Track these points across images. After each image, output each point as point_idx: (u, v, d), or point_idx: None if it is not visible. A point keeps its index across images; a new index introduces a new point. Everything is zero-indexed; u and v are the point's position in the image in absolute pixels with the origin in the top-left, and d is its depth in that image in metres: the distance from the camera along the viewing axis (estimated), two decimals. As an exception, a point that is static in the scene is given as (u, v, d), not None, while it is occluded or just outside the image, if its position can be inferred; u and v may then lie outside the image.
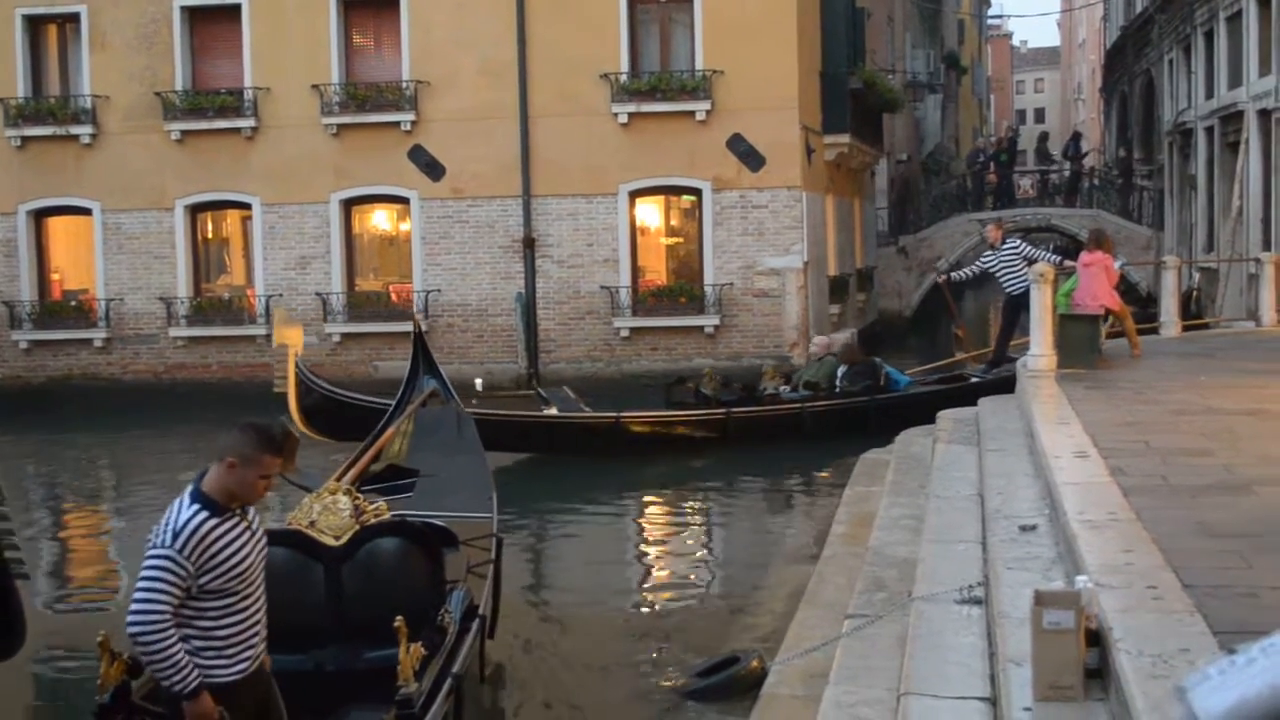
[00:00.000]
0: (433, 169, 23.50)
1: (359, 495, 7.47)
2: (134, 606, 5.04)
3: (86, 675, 9.72)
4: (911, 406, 17.33)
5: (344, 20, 23.93)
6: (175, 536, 5.07)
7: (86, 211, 24.59)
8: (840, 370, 18.24)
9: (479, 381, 18.59)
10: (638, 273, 23.52)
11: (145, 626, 5.02)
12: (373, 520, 7.17)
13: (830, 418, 17.66)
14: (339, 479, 8.08)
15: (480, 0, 23.30)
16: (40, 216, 24.93)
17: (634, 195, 23.36)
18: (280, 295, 23.85)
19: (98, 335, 24.28)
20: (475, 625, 7.12)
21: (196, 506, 5.14)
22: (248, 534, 5.25)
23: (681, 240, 24.32)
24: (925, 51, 44.60)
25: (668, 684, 8.49)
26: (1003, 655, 5.64)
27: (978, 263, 18.99)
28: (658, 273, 24.03)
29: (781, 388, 18.31)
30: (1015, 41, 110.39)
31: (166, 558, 5.05)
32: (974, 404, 17.16)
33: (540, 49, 23.05)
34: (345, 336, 23.72)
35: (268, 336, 23.85)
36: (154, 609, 5.03)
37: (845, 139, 25.46)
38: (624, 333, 23.05)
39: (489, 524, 8.72)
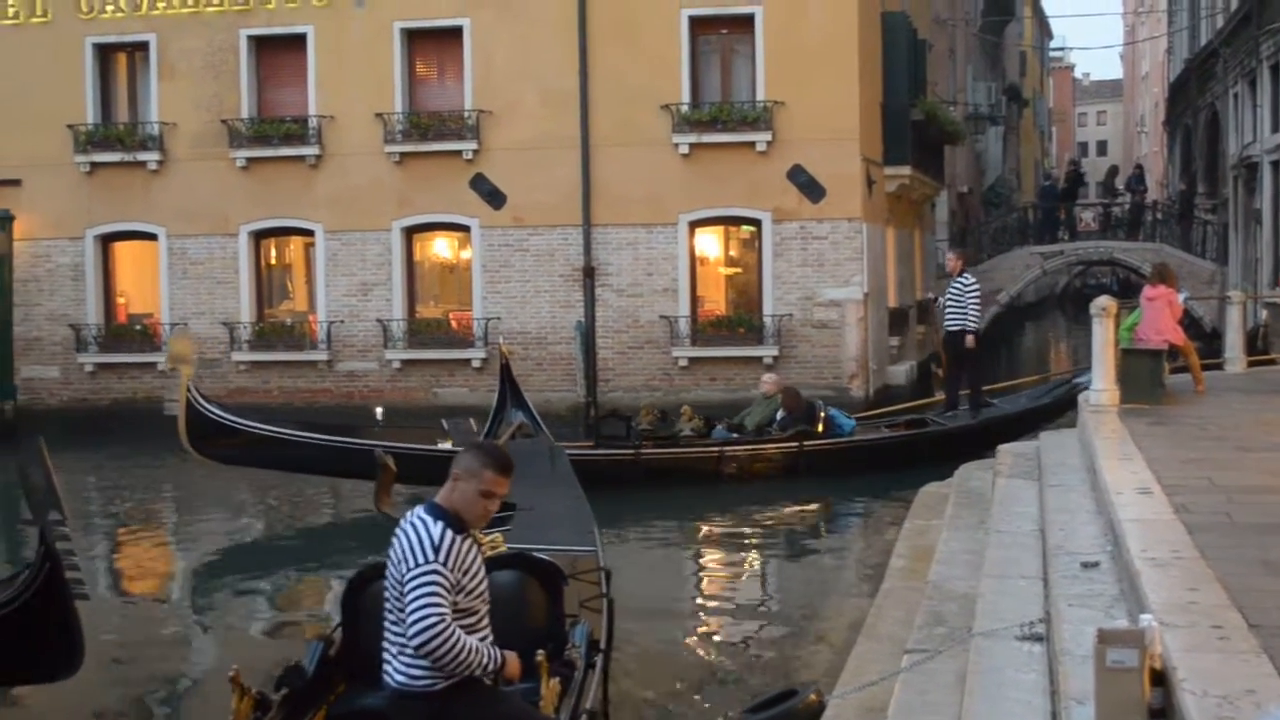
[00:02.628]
0: (494, 197, 23.63)
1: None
2: (419, 625, 5.20)
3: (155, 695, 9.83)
4: (846, 453, 17.40)
5: (408, 50, 24.15)
6: (436, 550, 5.26)
7: (152, 237, 24.89)
8: (779, 414, 17.95)
9: (379, 411, 18.61)
10: (697, 303, 23.53)
11: (435, 640, 5.20)
12: (489, 552, 7.11)
13: (754, 461, 17.38)
14: None
15: (543, 31, 23.45)
16: (107, 241, 25.27)
17: (694, 225, 23.38)
18: (342, 321, 24.04)
19: (161, 359, 24.51)
20: (599, 661, 6.99)
21: (442, 523, 5.33)
22: (479, 555, 5.49)
23: (741, 271, 24.32)
24: (987, 84, 44.47)
25: (725, 715, 8.45)
26: (1064, 693, 5.59)
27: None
28: (717, 303, 24.03)
29: (717, 427, 17.90)
30: (1078, 74, 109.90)
31: (434, 570, 5.23)
32: (918, 457, 17.42)
33: (602, 79, 23.17)
34: (405, 363, 23.86)
35: (329, 362, 24.06)
36: (438, 620, 5.21)
37: (906, 171, 25.39)
38: (683, 362, 23.06)
39: (594, 557, 8.56)
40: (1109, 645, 4.88)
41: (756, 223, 23.21)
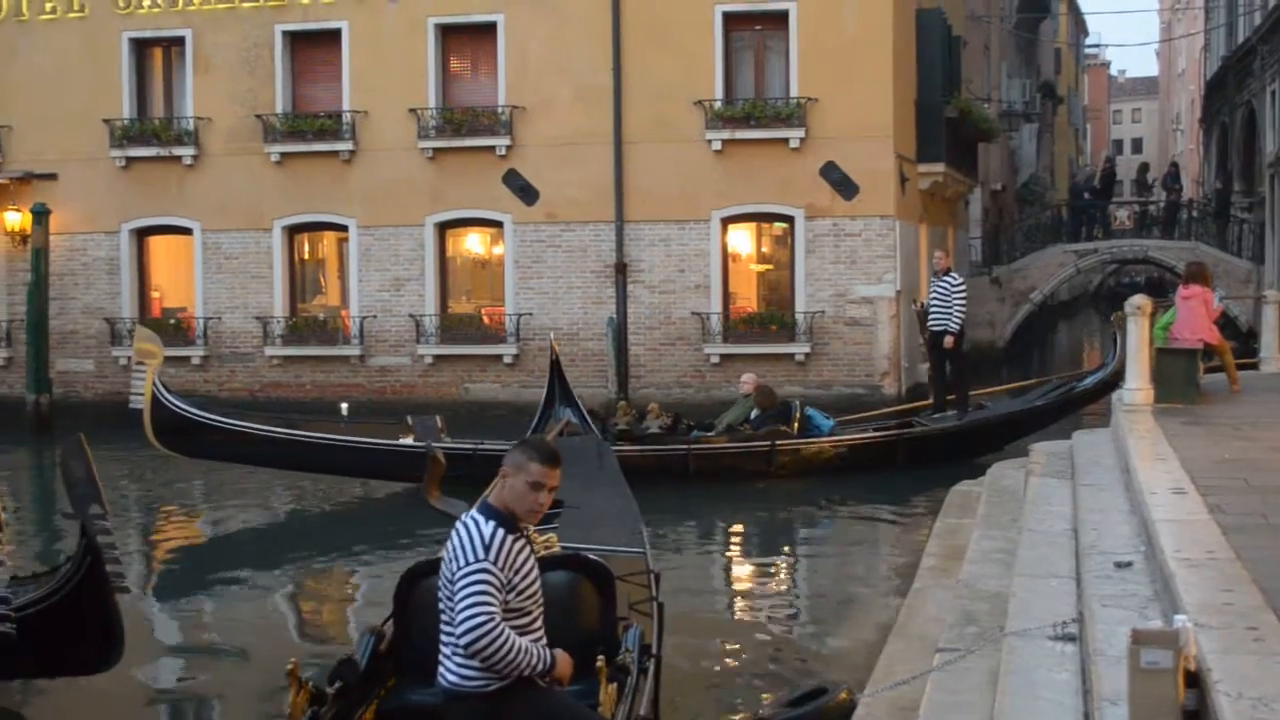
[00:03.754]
0: (527, 193, 23.67)
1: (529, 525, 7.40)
2: (467, 624, 5.20)
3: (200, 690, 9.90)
4: (819, 454, 17.09)
5: (442, 45, 24.21)
6: (486, 549, 5.26)
7: (187, 231, 25.04)
8: (753, 412, 17.65)
9: (344, 406, 18.61)
10: (729, 299, 23.51)
11: (484, 639, 5.21)
12: (544, 552, 7.08)
13: (722, 460, 17.04)
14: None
15: (576, 27, 23.48)
16: (142, 235, 25.43)
17: (726, 222, 23.38)
18: (375, 316, 24.12)
19: (196, 353, 24.69)
20: (652, 665, 6.90)
21: (493, 522, 5.34)
22: (533, 555, 5.48)
23: (773, 267, 24.30)
24: (1021, 80, 44.30)
25: (754, 715, 8.44)
26: (1098, 694, 5.56)
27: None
28: (749, 299, 24.02)
29: (662, 425, 17.55)
30: (1113, 71, 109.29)
31: (484, 569, 5.24)
32: (896, 459, 17.26)
33: (635, 75, 23.17)
34: (437, 358, 23.92)
35: (361, 357, 24.14)
36: (486, 620, 5.21)
37: (940, 168, 25.33)
38: (714, 359, 23.05)
39: (642, 558, 8.44)
40: (1143, 646, 4.86)
41: (789, 219, 23.19)
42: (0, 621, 6.99)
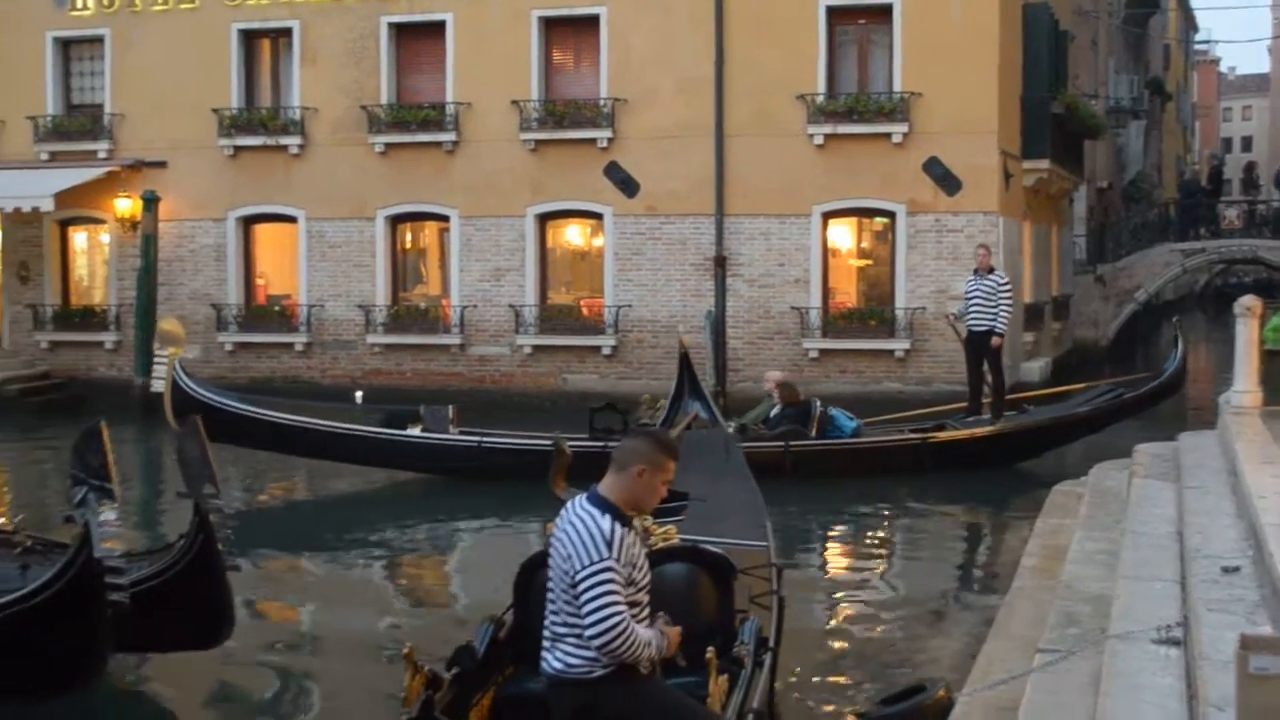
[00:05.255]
0: (627, 186, 23.72)
1: (648, 517, 7.40)
2: (599, 625, 5.24)
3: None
4: (836, 456, 16.43)
5: (545, 38, 24.32)
6: (609, 546, 5.27)
7: (292, 219, 25.38)
8: (774, 410, 17.13)
9: (358, 394, 18.66)
10: (828, 294, 23.41)
11: (616, 639, 5.25)
12: (662, 544, 7.08)
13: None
14: None
15: (679, 19, 23.48)
16: (248, 223, 25.81)
17: (827, 216, 23.27)
18: (475, 306, 24.30)
19: (299, 340, 25.04)
20: (768, 659, 6.86)
21: (609, 516, 5.34)
22: (644, 548, 5.53)
23: (873, 263, 24.15)
24: (1129, 76, 43.64)
25: (851, 711, 8.43)
26: (1204, 699, 5.50)
27: (965, 289, 18.14)
28: (848, 295, 23.89)
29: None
30: (1223, 68, 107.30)
31: (609, 568, 5.26)
32: (920, 464, 16.69)
33: (738, 68, 23.13)
34: (536, 349, 24.05)
35: (461, 346, 24.34)
36: (617, 620, 5.25)
37: (1045, 165, 25.02)
38: (813, 354, 22.96)
39: (765, 553, 8.42)
40: (1252, 652, 4.80)
41: (890, 215, 23.04)
42: (114, 591, 7.15)
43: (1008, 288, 17.71)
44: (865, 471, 16.57)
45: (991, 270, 17.78)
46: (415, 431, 16.78)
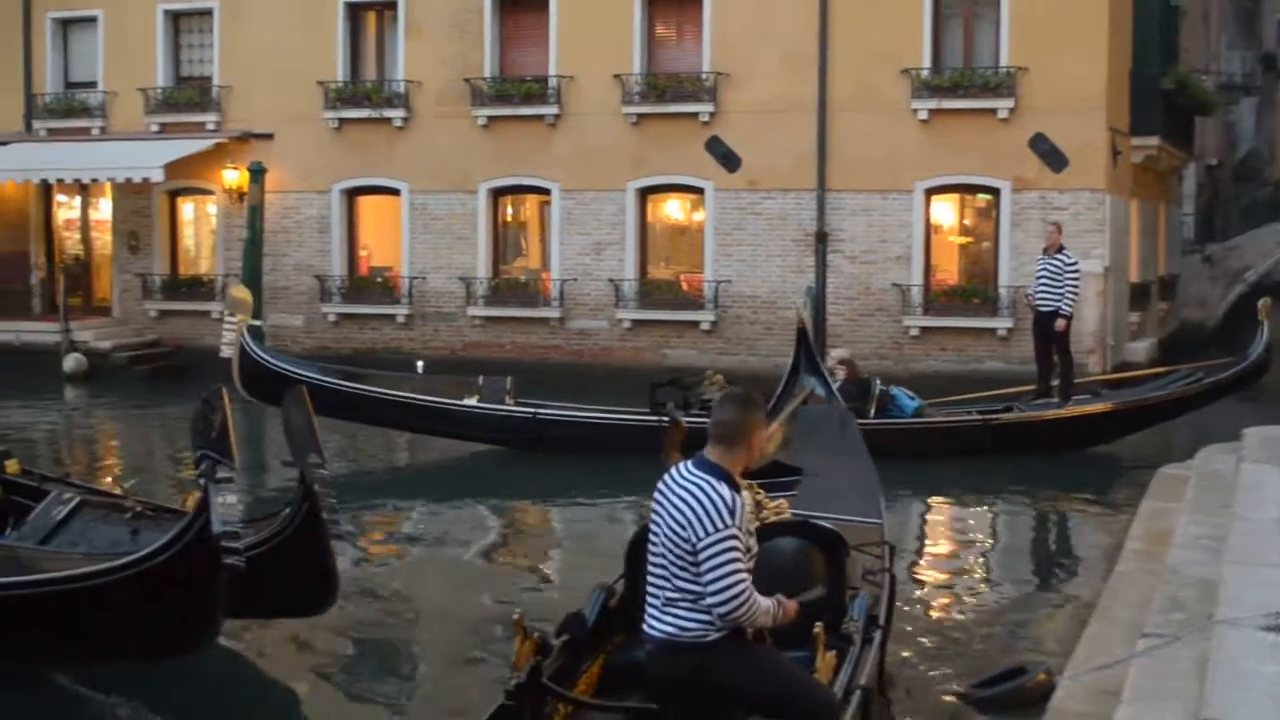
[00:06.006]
0: (729, 160, 23.65)
1: (759, 490, 7.38)
2: (726, 594, 5.29)
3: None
4: (891, 437, 15.45)
5: (647, 10, 24.27)
6: (732, 514, 5.32)
7: (395, 192, 25.59)
8: (836, 385, 16.59)
9: (420, 364, 18.74)
10: (930, 271, 23.21)
11: (742, 607, 5.32)
12: (773, 518, 7.08)
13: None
14: None
15: (783, -7, 23.34)
16: (352, 195, 26.05)
17: (930, 193, 23.04)
18: (575, 280, 24.37)
19: (401, 311, 25.27)
20: (878, 636, 6.84)
21: (724, 484, 5.38)
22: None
23: (975, 240, 23.89)
24: (1241, 52, 42.76)
25: (952, 692, 8.39)
26: (1314, 688, 5.41)
27: (1035, 269, 17.66)
28: (950, 272, 23.65)
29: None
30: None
31: (733, 535, 5.31)
32: (981, 447, 16.01)
33: (841, 42, 22.95)
34: (635, 323, 24.08)
35: (561, 320, 24.43)
36: (744, 587, 5.31)
37: (1154, 141, 24.61)
38: (914, 331, 22.79)
39: (878, 530, 8.39)
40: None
41: (994, 191, 22.77)
42: (231, 555, 7.28)
43: (1075, 267, 17.25)
44: (924, 452, 16.07)
45: (1061, 249, 17.37)
46: (472, 401, 16.97)
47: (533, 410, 16.82)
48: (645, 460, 15.82)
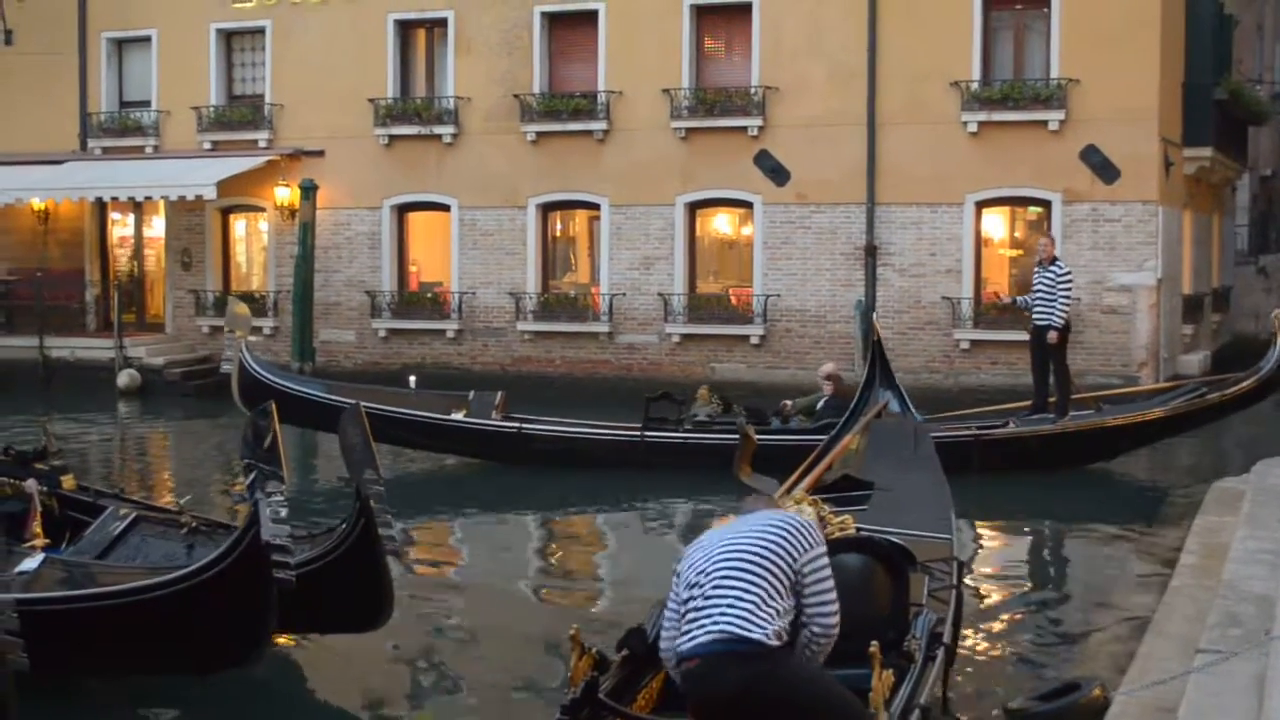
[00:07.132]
0: (777, 174, 23.63)
1: (824, 506, 7.34)
2: (832, 615, 5.50)
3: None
4: None
5: (696, 25, 24.31)
6: (819, 535, 5.58)
7: (445, 208, 25.72)
8: (821, 403, 16.51)
9: (412, 379, 18.75)
10: (980, 285, 23.09)
11: (836, 625, 5.52)
12: (837, 534, 7.02)
13: (768, 452, 15.04)
14: (792, 487, 7.99)
15: (832, 6, 23.32)
16: (402, 211, 26.20)
17: (980, 205, 22.95)
18: (624, 294, 24.41)
19: (450, 326, 25.39)
20: (941, 654, 6.71)
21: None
22: None
23: (1026, 253, 23.73)
24: (1296, 61, 42.29)
25: (1005, 708, 8.32)
26: (1374, 705, 5.34)
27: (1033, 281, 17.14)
28: (1000, 285, 23.52)
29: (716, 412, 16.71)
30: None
31: (825, 553, 5.54)
32: (968, 464, 14.92)
33: (890, 55, 22.91)
34: (684, 337, 24.09)
35: (610, 334, 24.47)
36: (838, 607, 5.51)
37: (1207, 152, 24.39)
38: (964, 345, 22.69)
39: (948, 546, 8.28)
40: None
41: (1045, 204, 22.66)
42: (281, 569, 7.31)
43: (1068, 278, 16.68)
44: None
45: (1054, 261, 16.92)
46: (459, 416, 17.17)
47: (517, 425, 17.00)
48: (630, 473, 15.78)
